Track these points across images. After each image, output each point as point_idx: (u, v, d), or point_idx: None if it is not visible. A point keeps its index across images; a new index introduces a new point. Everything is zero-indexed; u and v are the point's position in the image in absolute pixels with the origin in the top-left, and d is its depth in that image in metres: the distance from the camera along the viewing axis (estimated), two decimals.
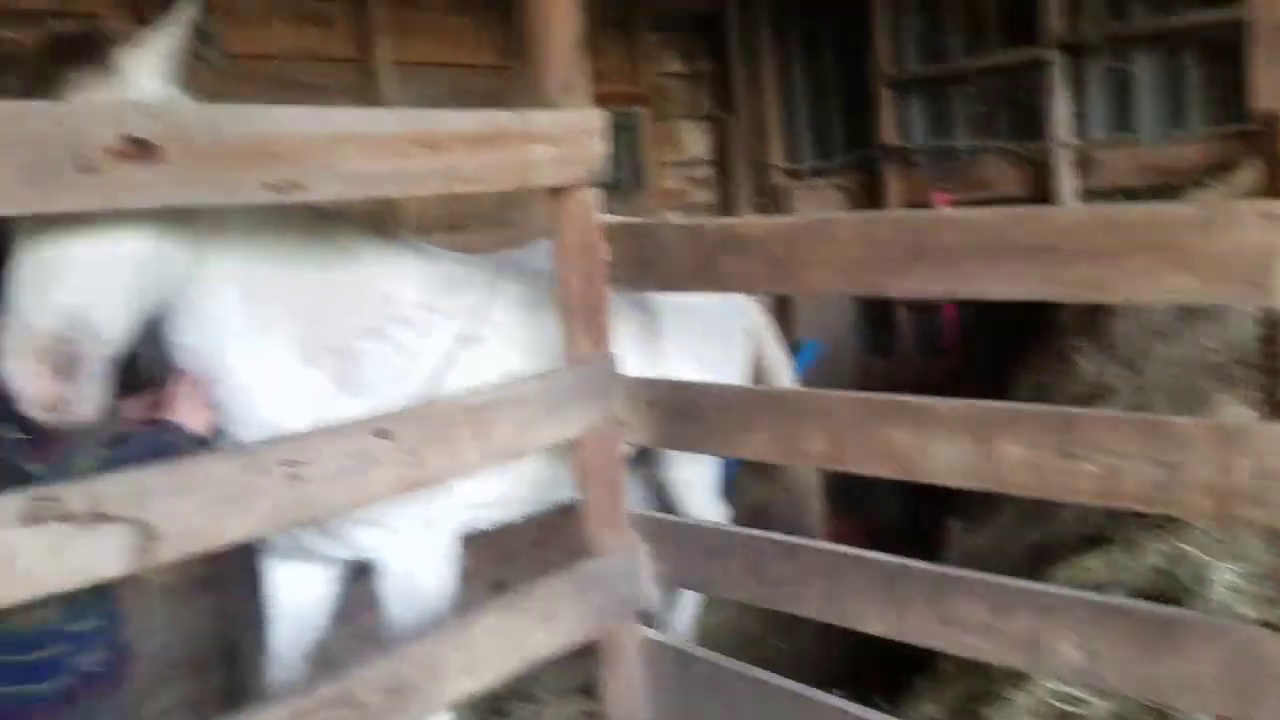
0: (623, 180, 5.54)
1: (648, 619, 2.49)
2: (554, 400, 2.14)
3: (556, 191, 2.22)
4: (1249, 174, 3.75)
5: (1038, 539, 2.83)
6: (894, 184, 5.35)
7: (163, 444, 2.02)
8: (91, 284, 1.78)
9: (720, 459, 3.38)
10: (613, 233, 2.31)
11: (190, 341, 2.17)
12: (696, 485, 3.34)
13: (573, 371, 2.24)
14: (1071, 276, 1.63)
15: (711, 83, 6.01)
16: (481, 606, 1.99)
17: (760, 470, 4.30)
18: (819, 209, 5.65)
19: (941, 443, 1.82)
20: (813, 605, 2.09)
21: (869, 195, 5.50)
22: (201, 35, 3.14)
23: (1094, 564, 2.46)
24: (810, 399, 2.08)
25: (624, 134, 5.49)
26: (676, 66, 5.81)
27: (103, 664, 2.07)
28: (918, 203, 5.13)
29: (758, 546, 2.17)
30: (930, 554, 3.33)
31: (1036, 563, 2.65)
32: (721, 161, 6.05)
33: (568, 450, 2.37)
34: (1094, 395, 3.18)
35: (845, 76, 5.68)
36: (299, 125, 1.52)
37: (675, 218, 5.32)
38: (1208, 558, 2.25)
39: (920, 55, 5.32)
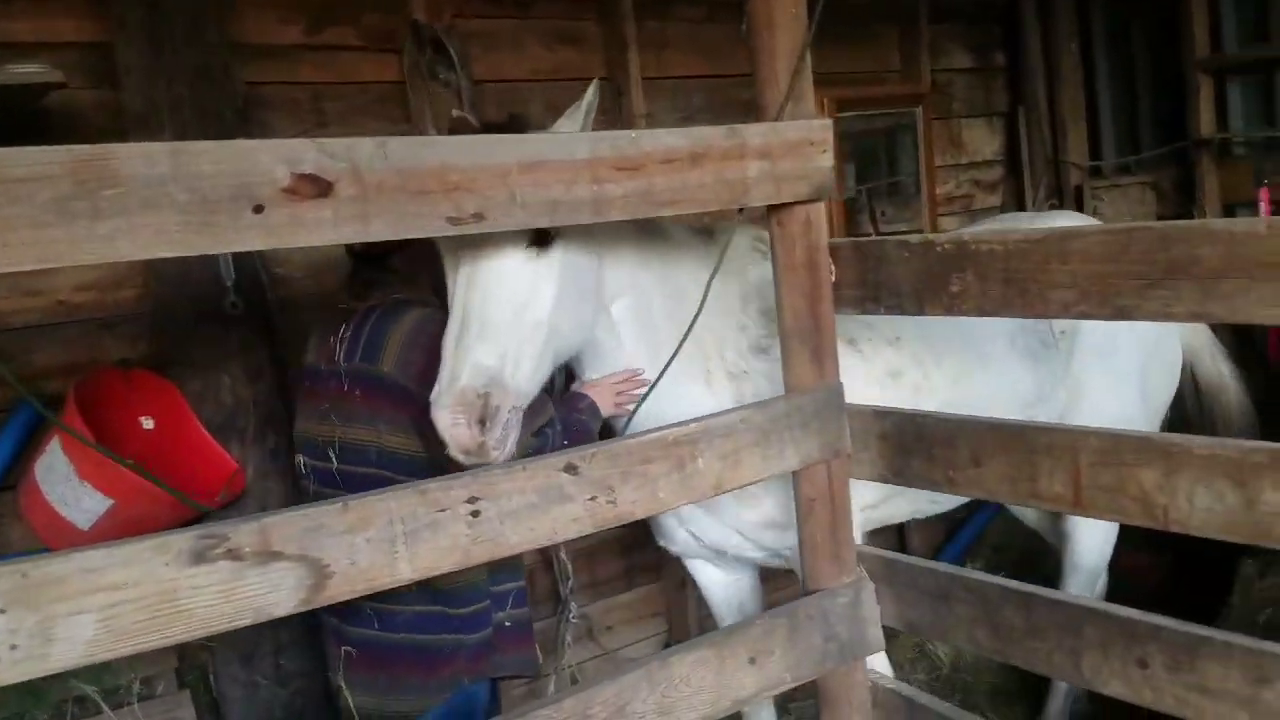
0: (901, 185, 5.38)
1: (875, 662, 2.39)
2: (767, 432, 2.10)
3: (776, 208, 2.19)
4: None
5: None
6: (1210, 180, 4.81)
7: (571, 421, 2.40)
8: (511, 349, 2.13)
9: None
10: (839, 252, 2.25)
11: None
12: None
13: (790, 401, 2.20)
14: None
15: (1004, 77, 5.67)
16: (685, 644, 1.99)
17: None
18: (1127, 210, 5.18)
19: (1196, 487, 1.62)
20: (1048, 660, 1.93)
21: (1182, 193, 4.99)
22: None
23: None
24: (1047, 432, 1.91)
25: (901, 135, 5.32)
26: (962, 60, 5.53)
27: (515, 621, 2.48)
28: (1238, 200, 4.58)
29: (985, 592, 2.03)
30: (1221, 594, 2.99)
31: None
32: (1012, 161, 5.69)
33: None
34: None
35: (1155, 63, 5.19)
36: (480, 154, 1.58)
37: (952, 226, 5.08)
38: None
39: (1241, 37, 4.78)
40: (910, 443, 2.18)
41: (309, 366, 2.57)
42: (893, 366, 2.89)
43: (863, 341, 2.88)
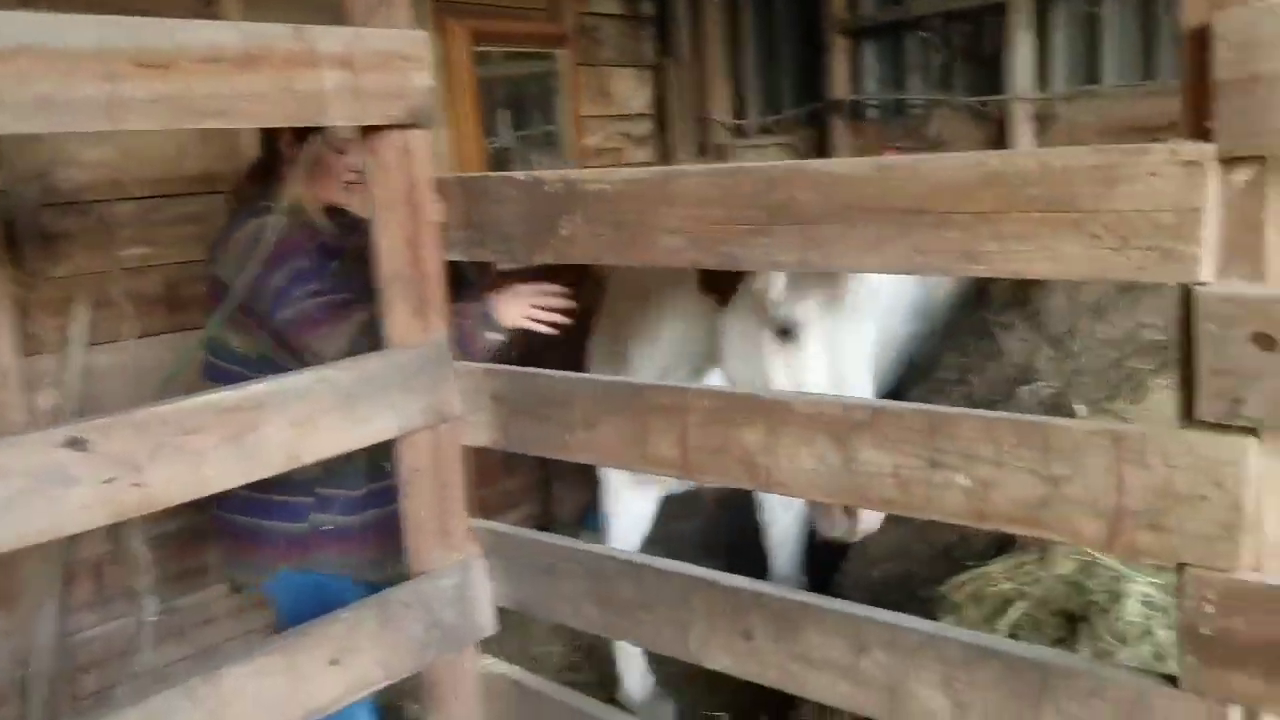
0: (557, 135, 5.27)
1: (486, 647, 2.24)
2: (354, 395, 1.87)
3: (369, 134, 1.95)
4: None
5: (952, 539, 2.61)
6: (844, 141, 5.09)
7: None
8: None
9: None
10: (447, 188, 2.04)
11: None
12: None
13: (387, 359, 1.97)
14: (946, 245, 1.38)
15: (652, 26, 5.70)
16: (244, 649, 1.72)
17: None
18: None
19: (799, 447, 1.58)
20: (656, 635, 1.85)
21: (818, 153, 5.24)
22: None
23: (998, 571, 2.25)
24: (661, 392, 1.82)
25: (554, 81, 5.20)
26: (610, 5, 5.50)
27: (339, 526, 2.64)
28: None
29: (596, 564, 1.93)
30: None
31: (948, 569, 2.43)
32: (661, 116, 5.76)
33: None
34: (1019, 379, 2.96)
35: (799, 21, 5.40)
36: None
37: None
38: (1124, 569, 2.05)
39: None
40: (525, 404, 2.02)
41: None
42: None
43: None
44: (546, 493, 5.06)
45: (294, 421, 1.77)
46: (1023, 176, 1.31)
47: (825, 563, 3.20)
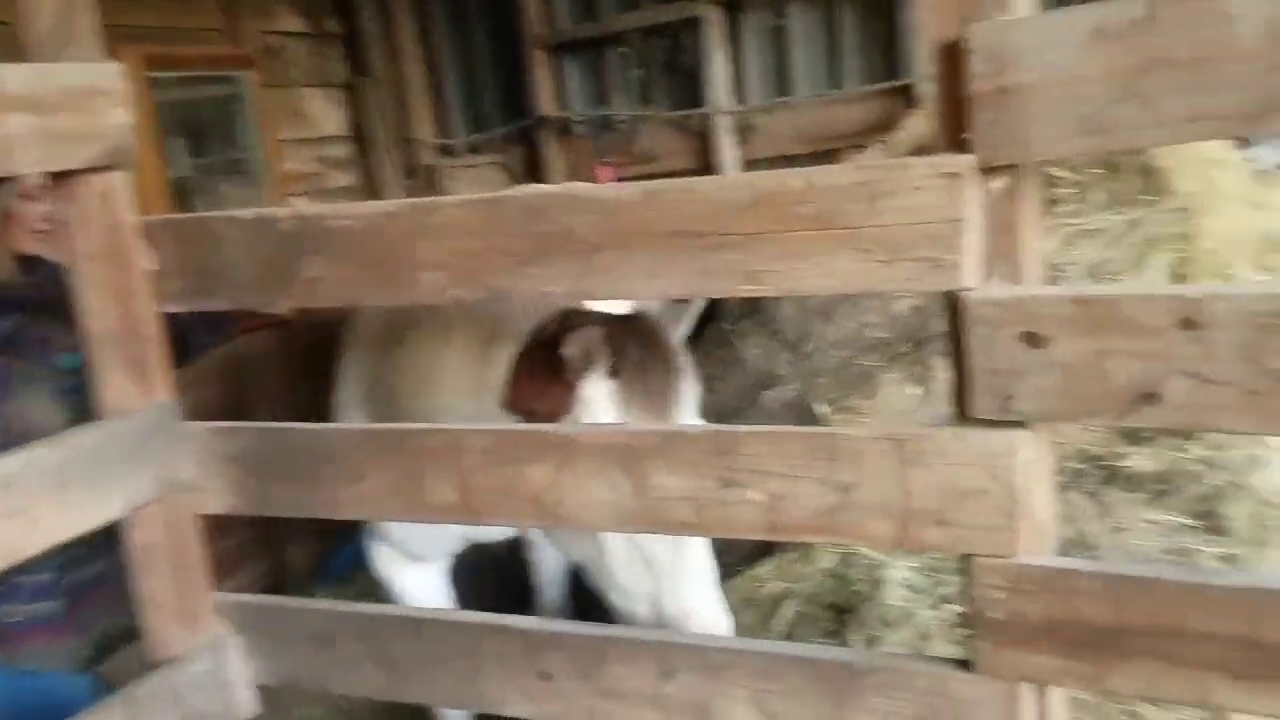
0: (245, 162, 4.93)
1: None
2: (67, 476, 1.64)
3: (62, 179, 1.72)
4: (910, 132, 3.82)
5: (719, 544, 2.67)
6: (555, 159, 5.12)
7: None
8: None
9: None
10: (155, 233, 1.83)
11: None
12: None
13: (105, 430, 1.75)
14: (724, 266, 1.39)
15: (341, 45, 5.47)
16: None
17: None
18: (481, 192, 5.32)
19: (590, 479, 1.55)
20: (448, 690, 1.76)
21: (532, 172, 5.24)
22: None
23: (766, 573, 2.33)
24: (433, 434, 1.73)
25: (236, 105, 4.87)
26: (294, 23, 5.21)
27: (29, 616, 2.36)
28: (583, 179, 4.93)
29: (373, 625, 1.80)
30: None
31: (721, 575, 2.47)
32: (361, 138, 5.54)
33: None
34: (762, 384, 3.10)
35: (497, 38, 5.37)
36: None
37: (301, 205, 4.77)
38: (881, 555, 2.18)
39: (574, 13, 5.12)
40: (276, 462, 1.85)
41: None
42: None
43: None
44: (275, 548, 4.72)
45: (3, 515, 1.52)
46: (792, 195, 1.34)
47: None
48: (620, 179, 4.72)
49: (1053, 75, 1.16)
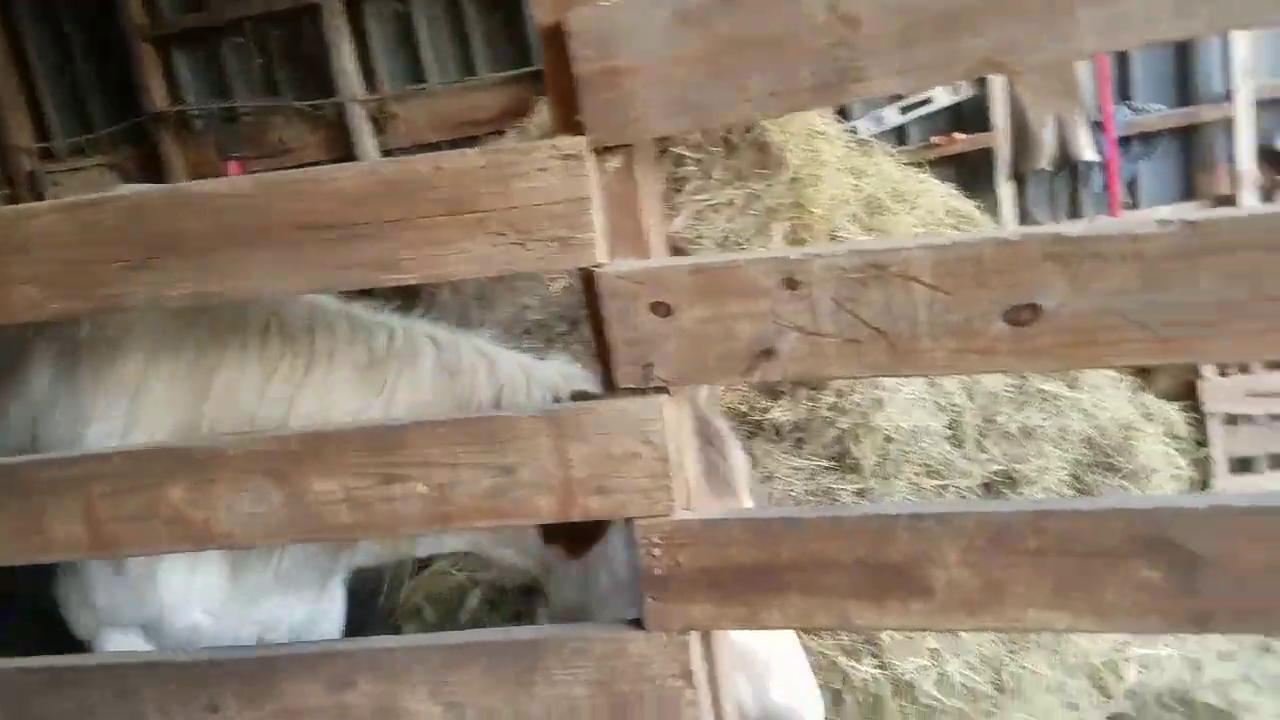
0: None
1: None
2: None
3: None
4: (545, 117, 3.90)
5: None
6: (175, 156, 4.77)
7: None
8: None
9: None
10: None
11: None
12: None
13: None
14: (360, 257, 1.36)
15: None
16: None
17: None
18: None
19: (236, 493, 1.46)
20: None
21: (150, 171, 4.84)
22: None
23: (448, 565, 2.32)
24: (52, 466, 1.57)
25: None
26: None
27: None
28: (208, 175, 4.63)
29: (14, 681, 1.62)
30: None
31: (395, 582, 2.43)
32: None
33: None
34: None
35: (94, 32, 4.92)
36: None
37: None
38: None
39: (180, 3, 4.79)
40: None
41: None
42: None
43: None
44: None
45: None
46: (421, 182, 1.34)
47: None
48: (252, 174, 4.48)
49: (648, 58, 1.23)
